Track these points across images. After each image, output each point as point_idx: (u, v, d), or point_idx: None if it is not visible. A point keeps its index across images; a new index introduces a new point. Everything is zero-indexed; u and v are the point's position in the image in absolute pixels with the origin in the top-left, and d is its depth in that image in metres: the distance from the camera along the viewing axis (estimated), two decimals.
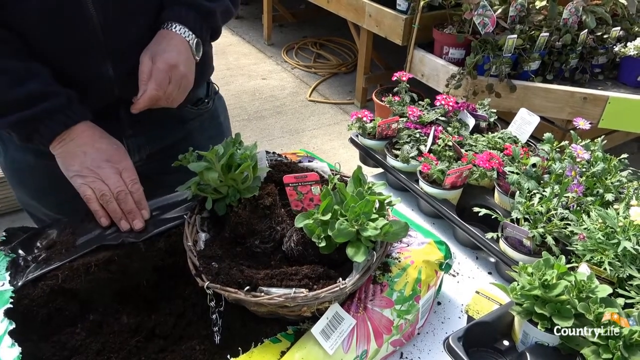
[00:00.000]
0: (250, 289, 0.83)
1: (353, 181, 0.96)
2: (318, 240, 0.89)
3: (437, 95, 1.56)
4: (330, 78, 4.50)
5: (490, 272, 1.22)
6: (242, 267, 0.90)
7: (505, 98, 2.66)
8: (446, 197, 1.31)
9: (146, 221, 1.02)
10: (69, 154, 0.99)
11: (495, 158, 1.31)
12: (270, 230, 0.97)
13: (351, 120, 1.53)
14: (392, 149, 1.46)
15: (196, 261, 0.89)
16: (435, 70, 2.92)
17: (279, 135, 3.57)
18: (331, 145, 3.51)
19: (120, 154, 1.03)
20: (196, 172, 0.97)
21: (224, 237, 0.98)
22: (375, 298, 0.92)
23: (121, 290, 0.96)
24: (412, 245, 1.03)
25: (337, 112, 3.96)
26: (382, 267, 0.97)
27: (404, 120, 1.53)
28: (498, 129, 1.57)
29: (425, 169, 1.32)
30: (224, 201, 1.00)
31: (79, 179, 0.99)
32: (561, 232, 1.10)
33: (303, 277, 0.86)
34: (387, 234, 0.89)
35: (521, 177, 1.23)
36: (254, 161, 0.99)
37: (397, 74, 1.62)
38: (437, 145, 1.39)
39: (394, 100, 1.61)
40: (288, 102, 4.06)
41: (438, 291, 1.10)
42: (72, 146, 0.99)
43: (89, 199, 0.99)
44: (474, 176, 1.32)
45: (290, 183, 0.99)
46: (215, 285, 0.84)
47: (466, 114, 1.54)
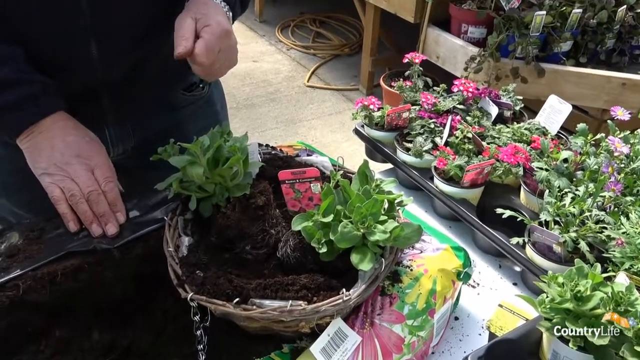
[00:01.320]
0: (241, 301, 0.84)
1: (359, 178, 0.97)
2: (318, 245, 0.89)
3: (455, 80, 1.56)
4: (332, 60, 4.50)
5: (515, 282, 1.23)
6: (230, 276, 0.90)
7: (533, 84, 2.66)
8: (465, 196, 1.31)
9: (121, 225, 1.02)
10: (36, 149, 1.00)
11: (521, 152, 1.32)
12: (264, 234, 0.97)
13: (356, 108, 1.53)
14: (403, 142, 1.46)
15: (178, 269, 0.89)
16: (452, 52, 2.92)
17: (272, 126, 3.57)
18: (333, 138, 3.51)
19: (93, 148, 1.03)
20: (178, 167, 0.97)
21: (210, 242, 0.98)
22: (384, 312, 0.92)
23: (92, 303, 0.96)
24: (426, 252, 1.04)
25: (339, 99, 3.96)
26: (392, 277, 0.97)
27: (416, 108, 1.53)
28: (524, 119, 1.57)
29: (440, 165, 1.32)
30: (210, 201, 1.00)
31: (47, 177, 0.99)
32: (596, 236, 1.10)
33: (301, 287, 0.86)
34: (397, 239, 0.89)
35: (551, 173, 1.23)
36: (245, 155, 0.99)
37: (408, 55, 1.62)
38: (454, 137, 1.40)
39: (405, 86, 1.62)
40: (283, 88, 4.06)
41: (455, 304, 1.11)
42: (39, 139, 0.99)
43: (57, 200, 0.99)
44: (497, 173, 1.32)
45: (286, 180, 0.99)
46: (200, 296, 0.84)
47: (488, 101, 1.54)
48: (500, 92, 1.61)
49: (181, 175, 0.99)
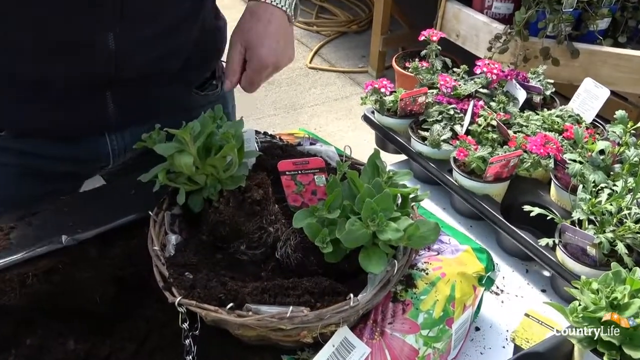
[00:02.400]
0: (235, 307, 0.84)
1: (368, 169, 0.97)
2: (322, 244, 0.89)
3: (477, 61, 1.56)
4: (338, 39, 4.49)
5: (544, 289, 1.23)
6: (224, 278, 0.90)
7: (565, 66, 2.65)
8: (488, 192, 1.31)
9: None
10: None
11: (552, 142, 1.32)
12: (261, 231, 0.97)
13: (365, 92, 1.53)
14: (418, 130, 1.46)
15: (164, 270, 0.89)
16: (474, 29, 2.91)
17: (270, 112, 3.57)
18: (338, 126, 3.50)
19: None
20: (165, 155, 0.97)
21: (200, 241, 0.99)
22: (396, 320, 0.93)
23: (67, 308, 0.97)
24: (443, 254, 1.04)
25: (345, 82, 3.96)
26: (405, 281, 0.97)
27: (433, 92, 1.53)
28: (556, 105, 1.57)
29: (461, 156, 1.32)
30: (201, 194, 1.00)
31: None
32: (636, 237, 1.10)
33: (303, 292, 0.86)
34: (412, 238, 0.89)
35: (585, 167, 1.23)
36: (240, 142, 0.99)
37: (425, 32, 1.61)
38: (476, 125, 1.39)
39: (420, 67, 1.61)
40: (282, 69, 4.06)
41: (476, 313, 1.11)
42: None
43: None
44: (524, 165, 1.32)
45: (287, 171, 0.99)
46: (189, 301, 0.84)
47: (515, 85, 1.54)
48: (528, 74, 1.61)
49: (168, 165, 0.99)
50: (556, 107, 1.54)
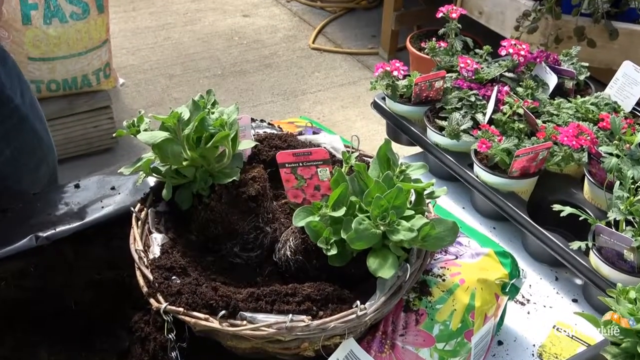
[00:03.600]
0: (227, 315, 0.84)
1: (378, 161, 0.97)
2: (326, 246, 0.90)
3: (502, 42, 1.56)
4: (344, 16, 4.48)
5: (575, 298, 1.23)
6: (215, 283, 0.91)
7: (602, 47, 2.64)
8: (513, 189, 1.31)
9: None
10: None
11: (585, 133, 1.32)
12: (257, 231, 0.98)
13: (375, 76, 1.53)
14: (435, 119, 1.46)
15: (149, 274, 0.90)
16: (499, 6, 2.91)
17: (267, 99, 3.57)
18: (345, 115, 3.50)
19: None
20: (149, 145, 0.98)
21: (189, 241, 0.99)
22: (408, 332, 0.93)
23: (39, 315, 0.97)
24: (462, 257, 1.04)
25: (353, 65, 3.96)
26: (419, 288, 0.97)
27: (452, 76, 1.53)
28: (590, 92, 1.57)
29: (483, 148, 1.32)
30: (190, 189, 1.00)
31: None
32: None
33: (303, 298, 0.87)
34: (426, 239, 0.90)
35: (623, 161, 1.23)
36: (234, 131, 0.99)
37: (443, 9, 1.61)
38: (501, 114, 1.40)
39: (438, 48, 1.61)
40: (281, 50, 4.05)
41: (499, 325, 1.11)
42: None
43: None
44: (555, 159, 1.32)
45: (286, 163, 1.00)
46: (176, 308, 0.85)
47: (544, 68, 1.54)
48: (560, 57, 1.60)
49: (153, 156, 1.00)
50: (591, 93, 1.54)
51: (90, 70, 2.59)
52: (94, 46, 2.55)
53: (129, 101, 3.29)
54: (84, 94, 2.64)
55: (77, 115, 2.63)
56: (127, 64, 3.59)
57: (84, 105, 2.63)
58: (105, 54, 2.63)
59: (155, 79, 3.50)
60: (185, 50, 3.82)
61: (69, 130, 2.65)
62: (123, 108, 3.20)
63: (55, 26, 2.38)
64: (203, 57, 3.83)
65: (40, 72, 2.47)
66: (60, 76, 2.52)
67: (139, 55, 3.70)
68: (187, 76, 3.56)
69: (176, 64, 3.66)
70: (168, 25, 4.09)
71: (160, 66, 3.62)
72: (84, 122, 2.67)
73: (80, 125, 2.67)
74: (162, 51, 3.77)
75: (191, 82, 3.51)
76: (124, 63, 3.58)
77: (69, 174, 2.06)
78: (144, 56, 3.70)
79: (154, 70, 3.58)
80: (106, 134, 2.72)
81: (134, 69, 3.56)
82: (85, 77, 2.59)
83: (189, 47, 3.86)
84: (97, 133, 2.73)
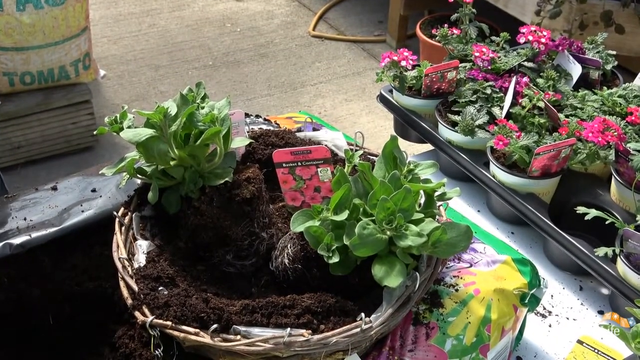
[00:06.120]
0: (220, 329, 0.85)
1: (384, 160, 0.97)
2: (327, 253, 0.90)
3: (521, 28, 1.56)
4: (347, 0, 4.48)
5: (601, 310, 1.23)
6: (206, 294, 0.91)
7: (632, 34, 2.64)
8: (534, 190, 1.31)
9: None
10: None
11: (612, 128, 1.32)
12: (251, 237, 0.98)
13: (381, 66, 1.54)
14: (447, 113, 1.47)
15: (133, 285, 0.90)
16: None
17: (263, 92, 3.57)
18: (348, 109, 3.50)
19: None
20: (133, 143, 0.98)
21: (177, 248, 0.99)
22: (418, 347, 0.93)
23: (14, 331, 0.97)
24: (477, 265, 1.04)
25: (358, 54, 3.96)
26: (430, 299, 0.98)
27: (466, 66, 1.54)
28: (618, 83, 1.57)
29: (500, 145, 1.32)
30: (178, 191, 1.00)
31: None
32: None
33: (303, 311, 0.87)
34: (437, 245, 0.90)
35: None
36: (226, 127, 1.00)
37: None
38: (519, 108, 1.40)
39: (450, 35, 1.62)
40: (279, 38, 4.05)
41: (518, 339, 1.11)
42: None
43: None
44: (579, 157, 1.32)
45: (284, 163, 1.00)
46: (163, 322, 0.85)
47: (568, 57, 1.54)
48: (585, 44, 1.61)
49: (137, 155, 1.00)
50: (618, 85, 1.55)
51: (68, 61, 2.60)
52: (72, 34, 2.55)
53: (111, 95, 3.29)
54: (61, 87, 2.64)
55: (54, 110, 2.63)
56: (109, 54, 3.59)
57: (62, 100, 2.63)
58: (84, 43, 2.64)
59: (140, 71, 3.50)
60: (172, 38, 3.82)
61: (45, 127, 2.65)
62: (104, 103, 3.20)
63: (30, 12, 2.38)
64: (192, 46, 3.84)
65: (13, 64, 2.47)
66: (35, 68, 2.52)
67: (121, 45, 3.70)
68: (174, 67, 3.56)
69: (163, 53, 3.66)
70: (153, 11, 4.09)
71: (145, 56, 3.62)
72: (62, 118, 2.67)
73: (58, 122, 2.67)
74: (147, 40, 3.77)
75: (179, 74, 3.51)
76: (105, 53, 3.58)
77: (45, 175, 2.06)
78: (127, 45, 3.70)
79: (138, 60, 3.58)
80: (86, 131, 2.72)
81: (116, 59, 3.56)
82: (62, 69, 2.59)
83: (177, 35, 3.86)
84: (76, 130, 2.73)
